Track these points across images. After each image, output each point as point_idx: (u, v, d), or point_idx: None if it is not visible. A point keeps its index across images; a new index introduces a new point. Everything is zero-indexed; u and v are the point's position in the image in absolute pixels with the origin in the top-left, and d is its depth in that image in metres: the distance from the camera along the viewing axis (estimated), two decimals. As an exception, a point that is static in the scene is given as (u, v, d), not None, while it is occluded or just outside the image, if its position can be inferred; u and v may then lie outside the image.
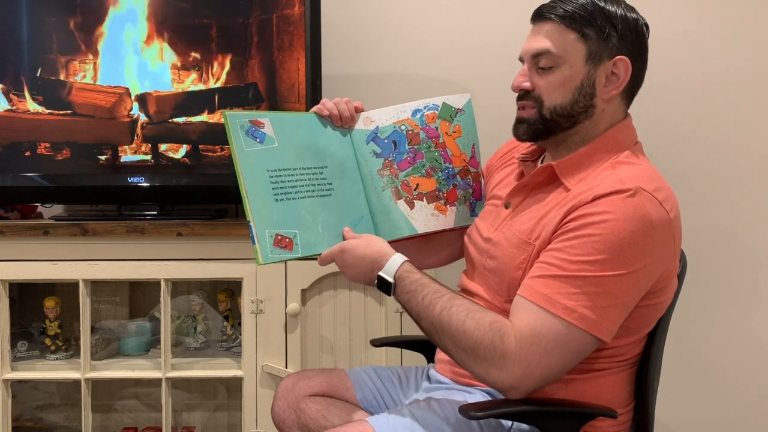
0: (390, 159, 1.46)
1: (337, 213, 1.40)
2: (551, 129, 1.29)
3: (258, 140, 1.36)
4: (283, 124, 1.40)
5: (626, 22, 1.26)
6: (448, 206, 1.48)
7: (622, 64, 1.25)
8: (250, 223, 1.30)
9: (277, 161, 1.36)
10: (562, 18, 1.25)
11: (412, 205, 1.45)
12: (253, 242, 1.30)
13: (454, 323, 1.17)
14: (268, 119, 1.38)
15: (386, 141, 1.47)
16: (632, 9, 1.29)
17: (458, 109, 1.51)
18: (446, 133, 1.50)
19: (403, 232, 1.44)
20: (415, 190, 1.45)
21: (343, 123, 1.46)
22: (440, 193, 1.47)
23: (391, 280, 1.26)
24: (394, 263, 1.27)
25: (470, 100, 1.53)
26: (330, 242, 1.37)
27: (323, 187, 1.41)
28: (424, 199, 1.46)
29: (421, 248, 1.58)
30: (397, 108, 1.49)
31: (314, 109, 1.46)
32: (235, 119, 1.35)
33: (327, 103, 1.46)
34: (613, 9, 1.26)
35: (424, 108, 1.50)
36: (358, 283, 1.37)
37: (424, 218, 1.45)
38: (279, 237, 1.33)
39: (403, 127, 1.48)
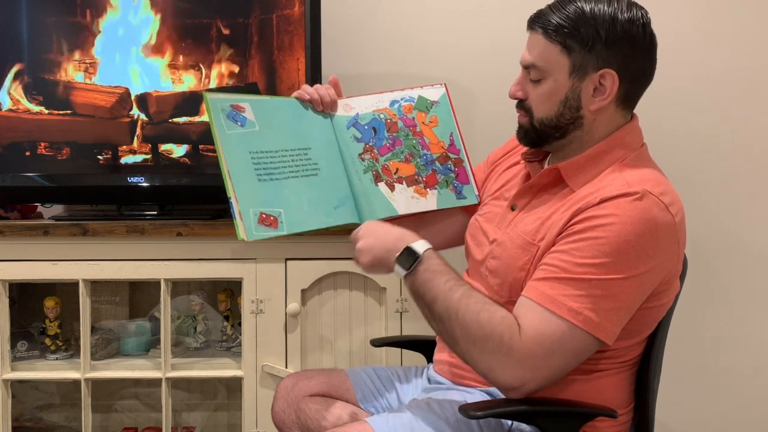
0: (370, 144, 1.51)
1: (324, 191, 1.43)
2: (543, 138, 1.31)
3: (239, 123, 1.38)
4: (264, 108, 1.41)
5: (614, 28, 1.20)
6: (428, 189, 1.52)
7: (609, 77, 1.23)
8: (231, 200, 1.32)
9: (258, 144, 1.38)
10: (545, 30, 1.24)
11: (392, 188, 1.49)
12: (234, 218, 1.31)
13: (471, 311, 1.17)
14: (248, 104, 1.40)
15: (366, 127, 1.52)
16: (630, 7, 1.23)
17: (433, 101, 1.56)
18: (423, 122, 1.55)
19: (385, 212, 1.47)
20: (395, 174, 1.50)
21: (324, 108, 1.49)
22: (419, 178, 1.52)
23: (420, 252, 1.24)
24: (423, 242, 1.27)
25: (445, 92, 1.57)
26: (317, 220, 1.39)
27: (309, 166, 1.43)
28: (404, 182, 1.51)
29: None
30: (376, 97, 1.55)
31: (295, 93, 1.50)
32: (216, 103, 1.36)
33: (307, 88, 1.49)
34: (600, 13, 1.21)
35: (401, 99, 1.55)
36: (370, 258, 1.30)
37: (405, 200, 1.49)
38: (263, 215, 1.34)
39: (382, 116, 1.53)
